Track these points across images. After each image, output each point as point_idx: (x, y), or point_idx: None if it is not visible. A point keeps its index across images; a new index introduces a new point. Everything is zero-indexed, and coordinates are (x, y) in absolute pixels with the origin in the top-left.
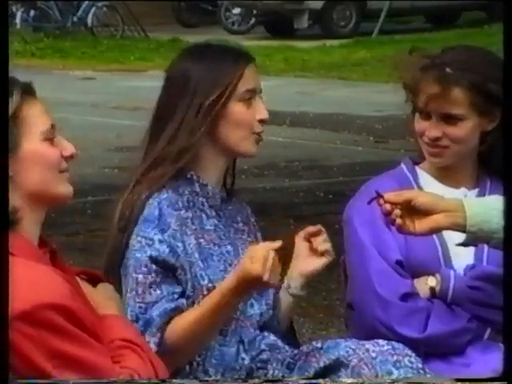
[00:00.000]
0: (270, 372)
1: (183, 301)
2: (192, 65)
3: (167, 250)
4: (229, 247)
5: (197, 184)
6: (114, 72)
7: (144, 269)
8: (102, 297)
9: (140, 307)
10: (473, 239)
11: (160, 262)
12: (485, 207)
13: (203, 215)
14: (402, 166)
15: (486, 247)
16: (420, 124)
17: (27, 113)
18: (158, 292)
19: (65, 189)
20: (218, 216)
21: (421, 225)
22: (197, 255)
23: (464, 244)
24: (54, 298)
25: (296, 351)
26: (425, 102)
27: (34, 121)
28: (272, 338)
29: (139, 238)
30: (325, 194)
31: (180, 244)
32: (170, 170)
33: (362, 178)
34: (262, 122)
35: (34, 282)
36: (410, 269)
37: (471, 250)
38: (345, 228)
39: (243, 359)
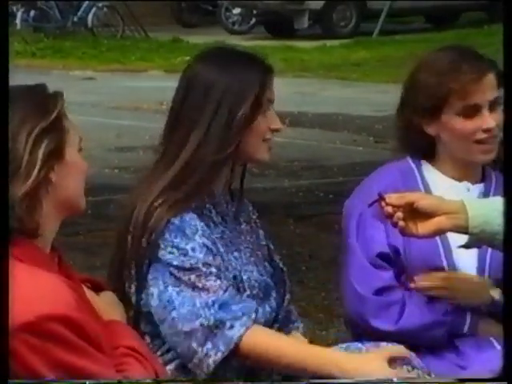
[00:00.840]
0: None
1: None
2: (217, 71)
3: (202, 256)
4: (235, 254)
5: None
6: (115, 72)
7: (191, 270)
8: (105, 304)
9: (207, 294)
10: (475, 241)
11: (201, 263)
12: (486, 208)
13: (211, 223)
14: (408, 158)
15: None
16: (466, 123)
17: (66, 121)
18: (219, 282)
19: (84, 201)
20: (225, 222)
21: (423, 227)
22: (223, 251)
23: (466, 246)
24: (59, 309)
25: None
26: (468, 96)
27: (73, 131)
28: None
29: (170, 249)
30: (324, 193)
31: (210, 242)
32: (197, 188)
33: (362, 177)
34: (274, 130)
35: (40, 291)
36: (410, 260)
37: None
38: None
39: None
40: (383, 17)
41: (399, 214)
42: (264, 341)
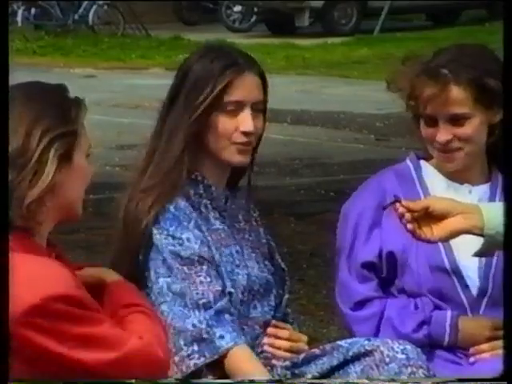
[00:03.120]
0: (275, 370)
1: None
2: (195, 65)
3: (197, 247)
4: (237, 247)
5: (201, 185)
6: (115, 70)
7: (186, 260)
8: (101, 272)
9: (197, 293)
10: (491, 243)
11: (196, 256)
12: (501, 211)
13: (210, 215)
14: (407, 159)
15: None
16: (427, 130)
17: (81, 127)
18: (209, 279)
19: (81, 209)
20: (222, 217)
21: (439, 230)
22: (214, 249)
23: (479, 254)
24: (61, 289)
25: None
26: (428, 108)
27: (84, 136)
28: None
29: (164, 235)
30: (326, 191)
31: (202, 234)
32: (170, 176)
33: (363, 175)
34: (244, 134)
35: (39, 274)
36: (412, 262)
37: (475, 245)
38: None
39: None
40: (384, 14)
41: (407, 217)
42: (245, 360)
